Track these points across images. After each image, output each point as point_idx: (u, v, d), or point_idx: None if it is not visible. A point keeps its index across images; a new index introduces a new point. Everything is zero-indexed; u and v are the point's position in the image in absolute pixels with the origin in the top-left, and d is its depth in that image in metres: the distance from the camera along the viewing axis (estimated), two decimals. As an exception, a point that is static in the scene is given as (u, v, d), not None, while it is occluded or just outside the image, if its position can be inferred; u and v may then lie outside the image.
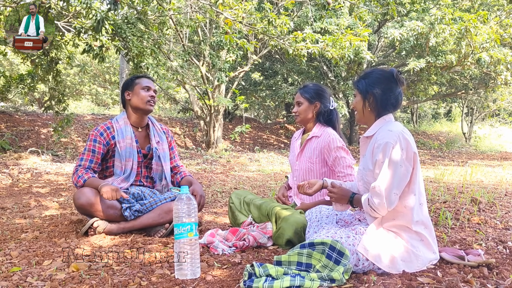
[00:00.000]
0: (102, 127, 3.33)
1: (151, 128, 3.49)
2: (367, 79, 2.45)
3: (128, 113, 3.43)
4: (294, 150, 3.55)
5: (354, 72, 13.16)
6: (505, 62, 10.69)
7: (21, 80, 8.16)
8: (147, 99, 3.35)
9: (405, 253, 2.26)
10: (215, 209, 4.36)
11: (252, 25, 6.99)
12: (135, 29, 6.88)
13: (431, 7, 11.68)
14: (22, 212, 4.01)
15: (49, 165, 7.61)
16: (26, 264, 2.42)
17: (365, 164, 2.39)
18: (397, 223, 2.29)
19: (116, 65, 19.59)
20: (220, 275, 2.25)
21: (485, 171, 8.29)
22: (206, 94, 11.31)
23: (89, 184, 3.14)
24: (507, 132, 21.29)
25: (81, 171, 3.21)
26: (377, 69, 2.51)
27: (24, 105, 17.54)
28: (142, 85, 3.35)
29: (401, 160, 2.21)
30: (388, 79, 2.41)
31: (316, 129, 3.38)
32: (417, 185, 2.29)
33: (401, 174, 2.22)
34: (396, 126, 2.31)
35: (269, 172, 8.04)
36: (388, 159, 2.21)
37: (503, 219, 3.71)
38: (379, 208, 2.24)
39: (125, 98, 3.41)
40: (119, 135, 3.31)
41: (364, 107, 2.46)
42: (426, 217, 2.36)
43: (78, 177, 3.18)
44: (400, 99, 2.45)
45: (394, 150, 2.21)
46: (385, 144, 2.23)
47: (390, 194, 2.21)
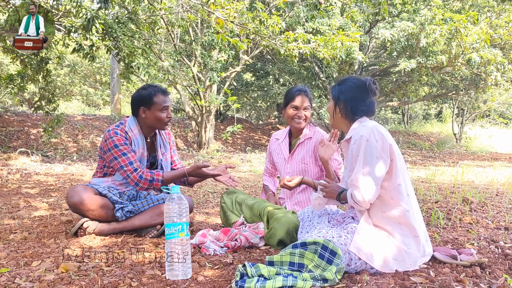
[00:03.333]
0: (121, 131, 3.16)
1: (157, 138, 3.40)
2: (340, 86, 2.56)
3: (139, 123, 3.28)
4: (280, 152, 3.53)
5: (345, 73, 13.18)
6: (495, 62, 10.75)
7: (11, 80, 8.06)
8: (165, 121, 3.24)
9: (397, 252, 2.25)
10: (206, 209, 4.33)
11: (244, 25, 6.96)
12: (126, 29, 6.83)
13: (422, 8, 11.72)
14: (11, 212, 3.96)
15: (38, 166, 7.54)
16: (14, 265, 2.38)
17: (349, 166, 2.44)
18: (387, 215, 2.31)
19: (107, 66, 19.51)
20: (211, 275, 2.23)
21: (476, 172, 8.34)
22: (198, 95, 11.28)
23: (168, 178, 3.20)
24: (498, 133, 21.43)
25: (147, 174, 3.11)
26: (352, 77, 2.62)
27: (14, 105, 17.41)
28: (160, 105, 3.18)
29: (376, 151, 2.26)
30: (361, 88, 2.51)
31: (307, 131, 3.39)
32: (400, 177, 2.32)
33: (376, 166, 2.26)
34: (369, 122, 2.40)
35: (260, 172, 8.03)
36: (363, 151, 2.27)
37: (495, 218, 3.72)
38: (360, 201, 2.28)
39: (138, 112, 3.24)
40: (135, 144, 3.19)
41: (334, 112, 2.57)
42: (416, 207, 2.38)
43: (150, 181, 3.11)
44: (371, 108, 2.54)
45: (368, 143, 2.27)
46: (359, 138, 2.29)
47: (368, 185, 2.25)
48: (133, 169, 3.08)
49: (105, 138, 3.16)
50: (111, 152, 3.09)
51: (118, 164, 3.10)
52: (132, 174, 3.08)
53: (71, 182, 6.06)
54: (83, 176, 6.68)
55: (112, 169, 3.24)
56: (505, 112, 21.39)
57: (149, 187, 3.15)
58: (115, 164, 3.12)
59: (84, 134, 11.58)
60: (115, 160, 3.10)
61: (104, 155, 3.18)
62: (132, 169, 3.08)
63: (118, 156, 3.09)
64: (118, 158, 3.09)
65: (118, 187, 3.23)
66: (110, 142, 3.10)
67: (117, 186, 3.24)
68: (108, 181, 3.23)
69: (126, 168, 3.08)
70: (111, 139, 3.10)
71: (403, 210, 2.28)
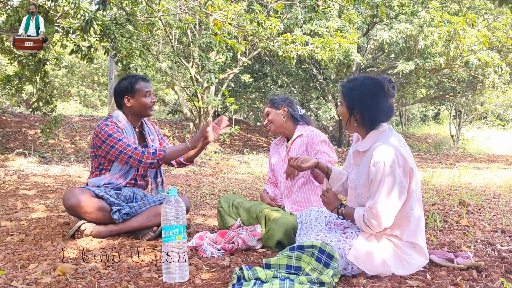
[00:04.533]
0: (111, 122, 3.24)
1: (145, 127, 3.48)
2: (354, 92, 2.30)
3: (125, 114, 3.35)
4: (278, 155, 3.55)
5: (343, 75, 13.20)
6: (493, 65, 10.79)
7: (8, 81, 8.04)
8: (150, 105, 3.32)
9: (398, 261, 2.24)
10: (204, 211, 4.33)
11: (242, 27, 6.97)
12: (124, 30, 6.83)
13: (420, 10, 11.76)
14: (8, 214, 3.96)
15: (36, 167, 7.53)
16: (11, 268, 2.37)
17: (359, 175, 2.34)
18: (389, 232, 2.27)
19: (104, 67, 19.46)
20: (208, 278, 2.23)
21: (473, 174, 8.35)
22: (196, 96, 11.28)
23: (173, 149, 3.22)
24: (495, 135, 21.47)
25: (141, 149, 3.15)
26: (367, 79, 2.34)
27: (11, 106, 17.37)
28: (143, 91, 3.29)
29: (398, 178, 2.15)
30: (377, 93, 2.27)
31: (298, 130, 3.40)
32: (413, 199, 2.24)
33: (398, 193, 2.16)
34: (392, 140, 2.21)
35: (258, 174, 8.03)
36: (385, 179, 2.14)
37: (492, 221, 3.72)
38: (375, 227, 2.20)
39: (123, 102, 3.33)
40: (126, 133, 3.26)
41: (349, 121, 2.34)
42: (422, 226, 2.34)
43: (153, 153, 3.14)
44: (391, 112, 2.33)
45: (391, 170, 2.13)
46: (382, 164, 2.14)
47: (388, 215, 2.17)
48: (133, 148, 3.13)
49: (96, 133, 3.20)
50: (106, 143, 3.13)
51: (116, 151, 3.12)
52: (134, 153, 3.12)
53: (69, 183, 6.05)
54: (81, 178, 6.67)
55: (108, 164, 3.26)
56: (502, 114, 21.42)
57: (153, 162, 3.14)
58: (113, 153, 3.14)
59: (81, 135, 11.57)
60: (113, 149, 3.13)
61: (99, 150, 3.20)
62: (132, 149, 3.13)
63: (114, 144, 3.13)
64: (115, 146, 3.12)
65: (117, 181, 3.24)
66: (103, 134, 3.14)
67: (116, 179, 3.24)
68: (107, 177, 3.23)
69: (125, 151, 3.11)
70: (103, 131, 3.15)
71: (408, 230, 2.26)
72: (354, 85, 2.33)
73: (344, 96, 2.34)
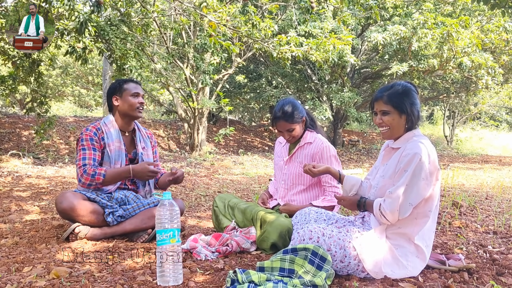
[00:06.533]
0: (93, 127, 3.28)
1: (137, 134, 3.48)
2: (406, 97, 2.34)
3: (115, 118, 3.38)
4: (281, 155, 3.55)
5: (337, 76, 13.22)
6: (486, 66, 10.85)
7: (2, 82, 8.03)
8: (136, 105, 3.31)
9: (396, 266, 2.27)
10: (198, 213, 4.34)
11: (236, 28, 6.98)
12: (118, 31, 6.83)
13: (413, 12, 11.81)
14: (2, 216, 3.95)
15: (30, 168, 7.51)
16: (5, 271, 2.38)
17: (385, 172, 2.38)
18: (402, 231, 2.29)
19: (99, 67, 19.44)
20: (202, 281, 2.24)
21: (467, 174, 8.40)
22: (190, 97, 11.28)
23: (112, 174, 3.15)
24: (488, 135, 21.61)
25: (91, 169, 3.12)
26: (405, 84, 2.39)
27: (5, 106, 17.30)
28: (131, 91, 3.31)
29: (425, 173, 2.20)
30: (417, 96, 2.39)
31: (307, 136, 3.38)
32: (434, 202, 2.29)
33: (420, 187, 2.20)
34: (427, 141, 2.30)
35: (253, 175, 8.04)
36: (412, 169, 2.20)
37: (484, 222, 3.76)
38: (388, 214, 2.23)
39: (112, 103, 3.36)
40: (108, 138, 3.27)
41: (399, 124, 2.36)
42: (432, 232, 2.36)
43: (92, 175, 3.10)
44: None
45: (420, 162, 2.19)
46: (413, 154, 2.21)
47: (405, 203, 2.20)
48: (82, 165, 3.15)
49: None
50: (76, 146, 3.25)
51: (76, 158, 3.22)
52: (79, 169, 3.15)
53: (63, 185, 6.04)
54: (75, 179, 6.66)
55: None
56: (495, 114, 21.54)
57: (92, 183, 3.13)
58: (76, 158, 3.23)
59: (76, 136, 11.53)
60: (76, 155, 3.23)
61: None
62: (81, 164, 3.15)
63: (78, 150, 3.22)
64: (78, 152, 3.21)
65: (107, 188, 3.25)
66: (79, 137, 3.26)
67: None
68: None
69: (77, 163, 3.18)
70: (81, 134, 3.27)
71: (421, 231, 2.29)
72: (404, 91, 2.37)
73: (393, 102, 2.35)
